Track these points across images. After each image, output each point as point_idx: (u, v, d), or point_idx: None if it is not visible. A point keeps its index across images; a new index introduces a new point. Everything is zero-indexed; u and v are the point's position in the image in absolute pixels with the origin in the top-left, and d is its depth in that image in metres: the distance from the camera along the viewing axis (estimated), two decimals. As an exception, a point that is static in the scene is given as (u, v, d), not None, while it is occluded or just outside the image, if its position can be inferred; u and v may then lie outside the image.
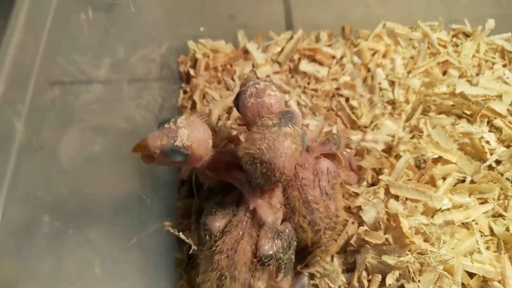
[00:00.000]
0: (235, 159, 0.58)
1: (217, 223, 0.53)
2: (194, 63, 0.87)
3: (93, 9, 0.55)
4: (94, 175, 0.52)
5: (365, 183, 0.72)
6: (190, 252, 0.58)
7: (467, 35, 0.91)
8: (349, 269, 0.67)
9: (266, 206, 0.55)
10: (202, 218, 0.56)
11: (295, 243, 0.57)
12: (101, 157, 0.55)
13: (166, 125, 0.50)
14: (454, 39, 0.91)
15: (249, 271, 0.53)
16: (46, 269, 0.41)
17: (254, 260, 0.52)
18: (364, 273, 0.64)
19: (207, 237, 0.53)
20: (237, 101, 0.55)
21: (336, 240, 0.64)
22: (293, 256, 0.57)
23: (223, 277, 0.52)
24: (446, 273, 0.58)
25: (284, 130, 0.48)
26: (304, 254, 0.65)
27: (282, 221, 0.58)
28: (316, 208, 0.57)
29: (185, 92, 0.85)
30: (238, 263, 0.52)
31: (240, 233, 0.53)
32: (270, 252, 0.52)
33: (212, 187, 0.61)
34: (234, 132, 0.76)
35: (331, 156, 0.63)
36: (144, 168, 0.65)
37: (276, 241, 0.53)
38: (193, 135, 0.50)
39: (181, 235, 0.57)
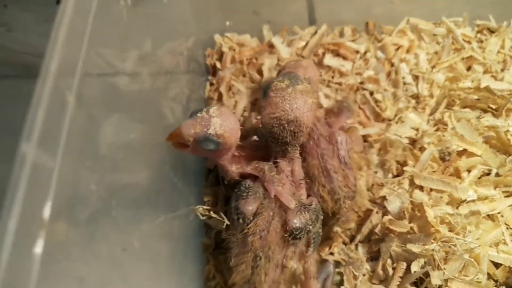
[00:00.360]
0: (254, 152, 0.61)
1: (250, 206, 0.54)
2: (220, 56, 0.89)
3: (126, 1, 0.56)
4: (127, 161, 0.54)
5: (390, 174, 0.72)
6: (222, 235, 0.59)
7: (491, 31, 0.91)
8: (373, 257, 0.67)
9: (287, 192, 0.57)
10: (232, 202, 0.57)
11: (322, 216, 0.58)
12: (134, 145, 0.56)
13: (198, 114, 0.52)
14: (479, 35, 0.91)
15: (281, 251, 0.55)
16: (82, 246, 0.42)
17: (286, 235, 0.53)
18: (389, 261, 0.64)
19: (240, 221, 0.54)
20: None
21: (355, 210, 0.66)
22: (320, 230, 0.58)
23: (258, 258, 0.53)
24: (472, 260, 0.58)
25: (298, 88, 0.54)
26: (327, 230, 0.67)
27: (307, 196, 0.59)
28: (335, 177, 0.59)
29: (211, 84, 0.87)
30: (272, 243, 0.53)
31: (271, 213, 0.54)
32: (299, 225, 0.54)
33: (232, 182, 0.63)
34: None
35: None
36: (174, 156, 0.66)
37: (303, 213, 0.55)
38: (225, 124, 0.53)
39: (213, 214, 0.59)
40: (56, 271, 0.35)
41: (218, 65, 0.87)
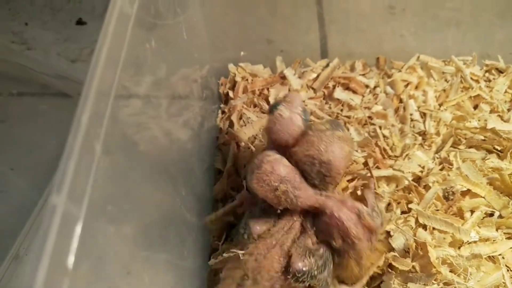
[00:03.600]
0: None
1: (258, 226, 0.56)
2: (233, 85, 0.92)
3: (144, 29, 0.58)
4: (132, 186, 0.54)
5: (398, 210, 0.74)
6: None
7: (500, 71, 0.93)
8: (375, 293, 0.68)
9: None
10: (244, 218, 0.59)
11: (331, 265, 0.58)
12: (141, 167, 0.57)
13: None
14: (487, 74, 0.93)
15: (270, 281, 0.55)
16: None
17: (288, 276, 0.54)
18: (390, 299, 0.65)
19: (245, 236, 0.56)
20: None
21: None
22: (329, 280, 0.58)
23: (245, 278, 0.54)
24: (472, 305, 0.59)
25: (337, 133, 0.55)
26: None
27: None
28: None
29: (223, 112, 0.89)
30: (263, 269, 0.54)
31: (274, 242, 0.55)
32: (304, 269, 0.53)
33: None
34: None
35: None
36: (182, 183, 0.68)
37: (308, 258, 0.54)
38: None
39: (225, 255, 0.59)
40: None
41: (230, 94, 0.90)
